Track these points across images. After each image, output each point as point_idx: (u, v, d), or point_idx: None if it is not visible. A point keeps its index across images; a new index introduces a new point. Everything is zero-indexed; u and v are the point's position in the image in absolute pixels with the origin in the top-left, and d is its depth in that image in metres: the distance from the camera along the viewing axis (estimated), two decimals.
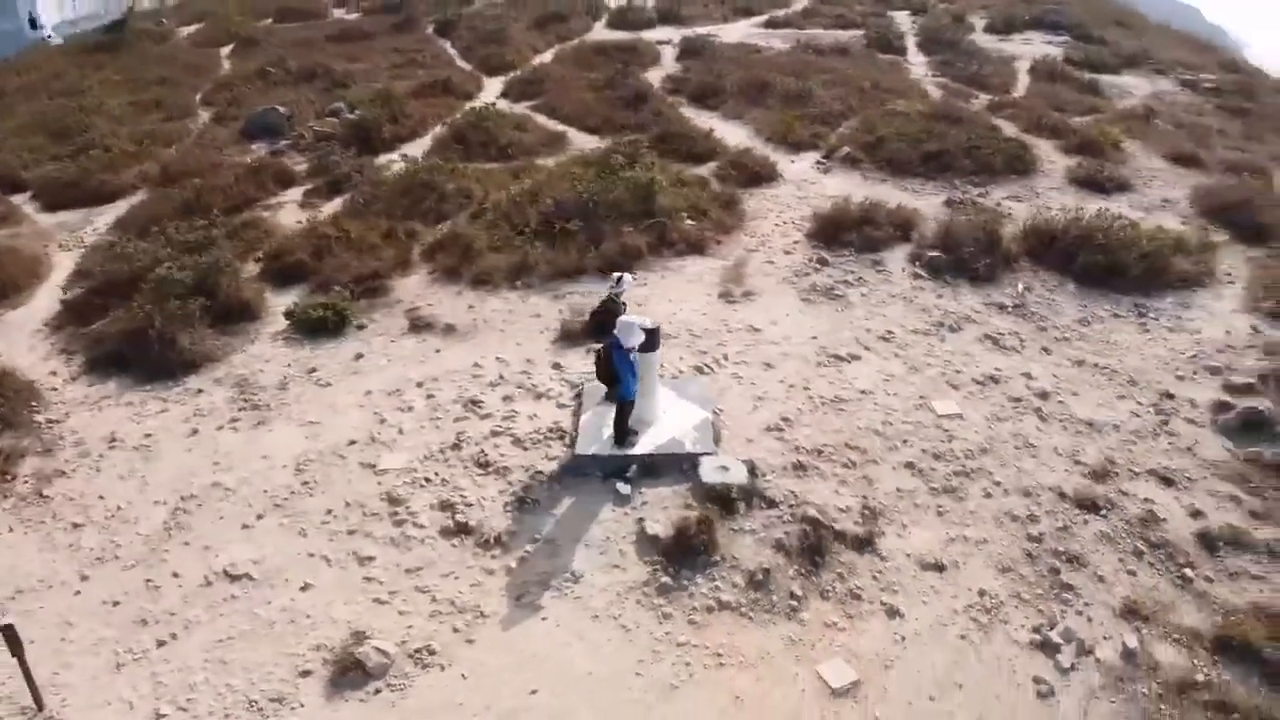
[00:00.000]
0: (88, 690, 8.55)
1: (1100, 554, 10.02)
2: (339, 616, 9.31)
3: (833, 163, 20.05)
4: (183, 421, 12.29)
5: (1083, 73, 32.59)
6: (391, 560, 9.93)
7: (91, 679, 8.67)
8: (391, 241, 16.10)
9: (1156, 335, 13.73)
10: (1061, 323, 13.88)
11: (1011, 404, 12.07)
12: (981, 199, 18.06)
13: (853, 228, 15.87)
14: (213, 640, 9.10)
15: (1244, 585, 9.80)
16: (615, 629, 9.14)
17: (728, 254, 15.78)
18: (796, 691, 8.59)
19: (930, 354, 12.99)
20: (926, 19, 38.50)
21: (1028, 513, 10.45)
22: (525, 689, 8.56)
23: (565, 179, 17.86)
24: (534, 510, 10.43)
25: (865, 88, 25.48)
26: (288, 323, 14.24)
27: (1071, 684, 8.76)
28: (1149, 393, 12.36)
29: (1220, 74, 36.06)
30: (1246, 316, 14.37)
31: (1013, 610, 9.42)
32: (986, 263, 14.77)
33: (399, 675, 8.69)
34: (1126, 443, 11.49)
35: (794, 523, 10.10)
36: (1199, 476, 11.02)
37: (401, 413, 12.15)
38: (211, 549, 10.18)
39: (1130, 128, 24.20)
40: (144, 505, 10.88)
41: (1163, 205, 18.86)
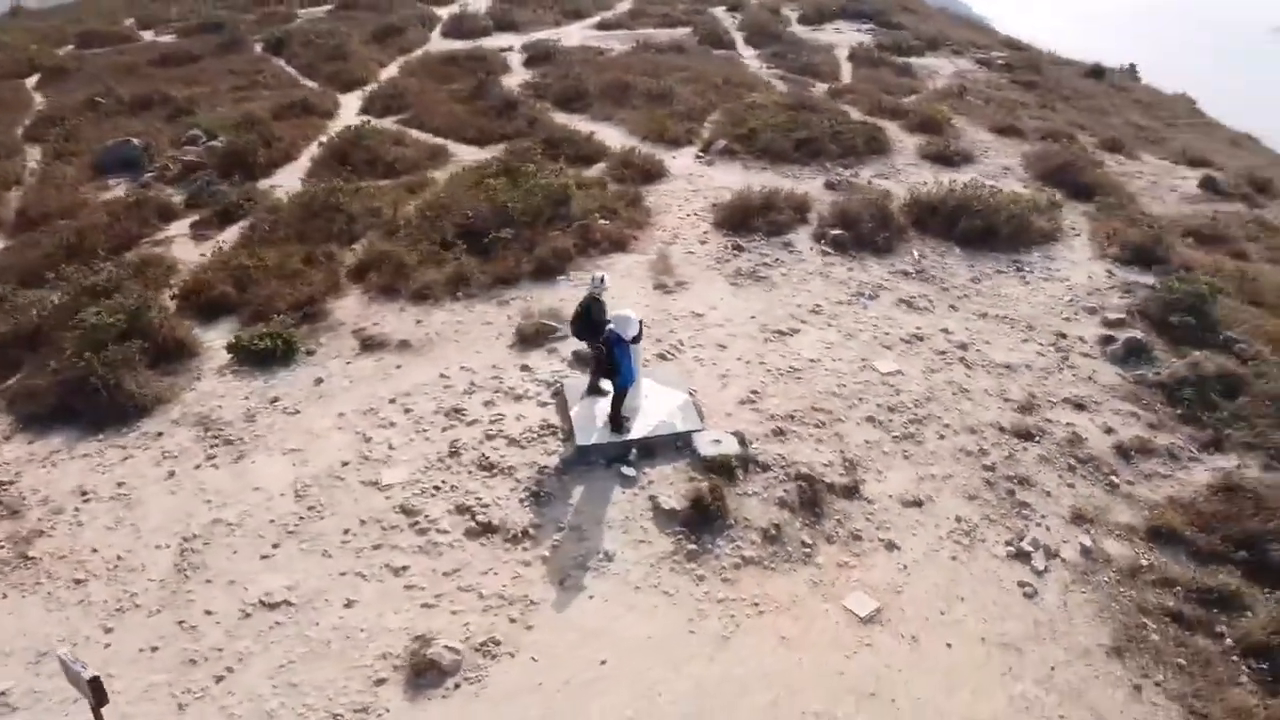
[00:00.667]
0: None
1: (1043, 474, 11.75)
2: (393, 625, 9.67)
3: (712, 156, 21.39)
4: (154, 465, 12.05)
5: (894, 57, 35.64)
6: (426, 567, 10.34)
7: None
8: (314, 265, 16.07)
9: (1036, 286, 15.83)
10: (958, 282, 15.75)
11: (939, 356, 13.72)
12: (854, 179, 19.87)
13: (757, 214, 17.21)
14: (274, 667, 9.27)
15: (1157, 484, 11.78)
16: (659, 596, 9.98)
17: (647, 248, 16.75)
18: (831, 624, 9.74)
19: (858, 321, 14.49)
20: (746, 14, 40.76)
21: (977, 447, 12.06)
22: (594, 661, 9.27)
23: (469, 190, 18.29)
24: (549, 502, 11.07)
25: (718, 83, 27.07)
26: (230, 356, 14.07)
27: (1048, 583, 10.36)
28: (1046, 334, 14.35)
29: (1008, 52, 40.29)
30: (1100, 263, 16.75)
31: (986, 530, 10.94)
32: (885, 236, 16.46)
33: (472, 669, 9.20)
34: (1040, 379, 13.36)
35: (789, 481, 11.25)
36: (1103, 400, 13.01)
37: (385, 429, 12.42)
38: (237, 583, 10.23)
39: (952, 105, 26.95)
40: (145, 552, 10.72)
41: (1004, 172, 21.35)
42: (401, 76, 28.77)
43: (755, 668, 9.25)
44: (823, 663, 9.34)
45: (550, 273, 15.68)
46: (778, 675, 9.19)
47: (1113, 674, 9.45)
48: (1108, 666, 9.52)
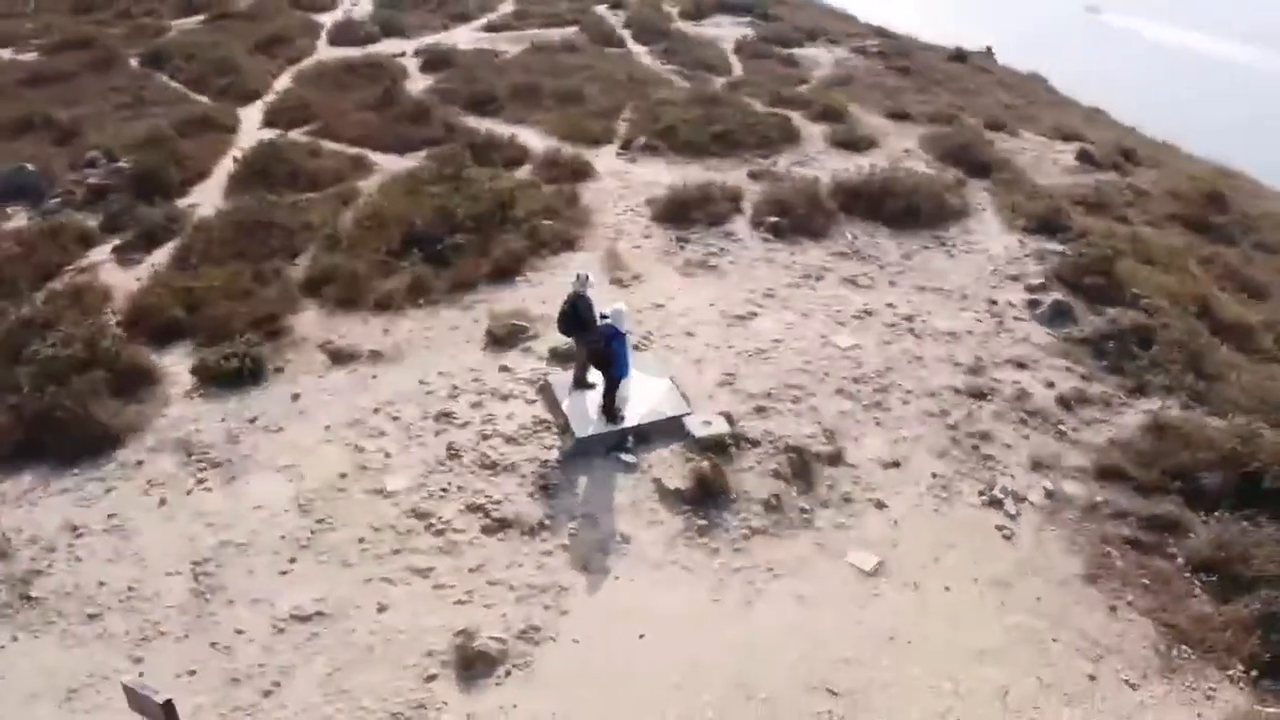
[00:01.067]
0: None
1: (999, 428, 12.91)
2: (431, 624, 9.97)
3: (633, 153, 22.01)
4: (142, 495, 11.87)
5: (778, 49, 37.04)
6: (450, 566, 10.65)
7: None
8: (264, 282, 15.93)
9: (960, 259, 17.13)
10: (891, 260, 16.89)
11: (889, 329, 14.78)
12: (775, 169, 20.85)
13: (695, 207, 17.95)
14: (321, 675, 9.45)
15: (1098, 429, 13.10)
16: (679, 571, 10.60)
17: (595, 246, 17.26)
18: (840, 581, 10.57)
19: (810, 301, 15.41)
20: (631, 12, 41.52)
21: (939, 409, 13.13)
22: (632, 636, 9.83)
23: (405, 198, 18.38)
24: (558, 494, 11.53)
25: (622, 81, 27.71)
26: (195, 379, 13.88)
27: (1021, 525, 11.48)
28: (979, 302, 15.62)
29: (879, 40, 42.29)
30: (1010, 234, 18.22)
31: (960, 483, 12.00)
32: (820, 221, 17.47)
33: (518, 656, 9.61)
34: (981, 343, 14.58)
35: (780, 454, 12.03)
36: (1040, 357, 14.31)
37: (376, 438, 12.57)
38: (262, 600, 10.30)
39: (844, 93, 28.41)
40: (156, 580, 10.63)
41: (906, 155, 22.74)
42: (298, 87, 28.21)
43: (781, 627, 9.99)
44: (841, 615, 10.15)
45: (507, 275, 16.01)
46: (803, 631, 9.94)
47: (1090, 598, 10.60)
48: (1084, 592, 10.67)
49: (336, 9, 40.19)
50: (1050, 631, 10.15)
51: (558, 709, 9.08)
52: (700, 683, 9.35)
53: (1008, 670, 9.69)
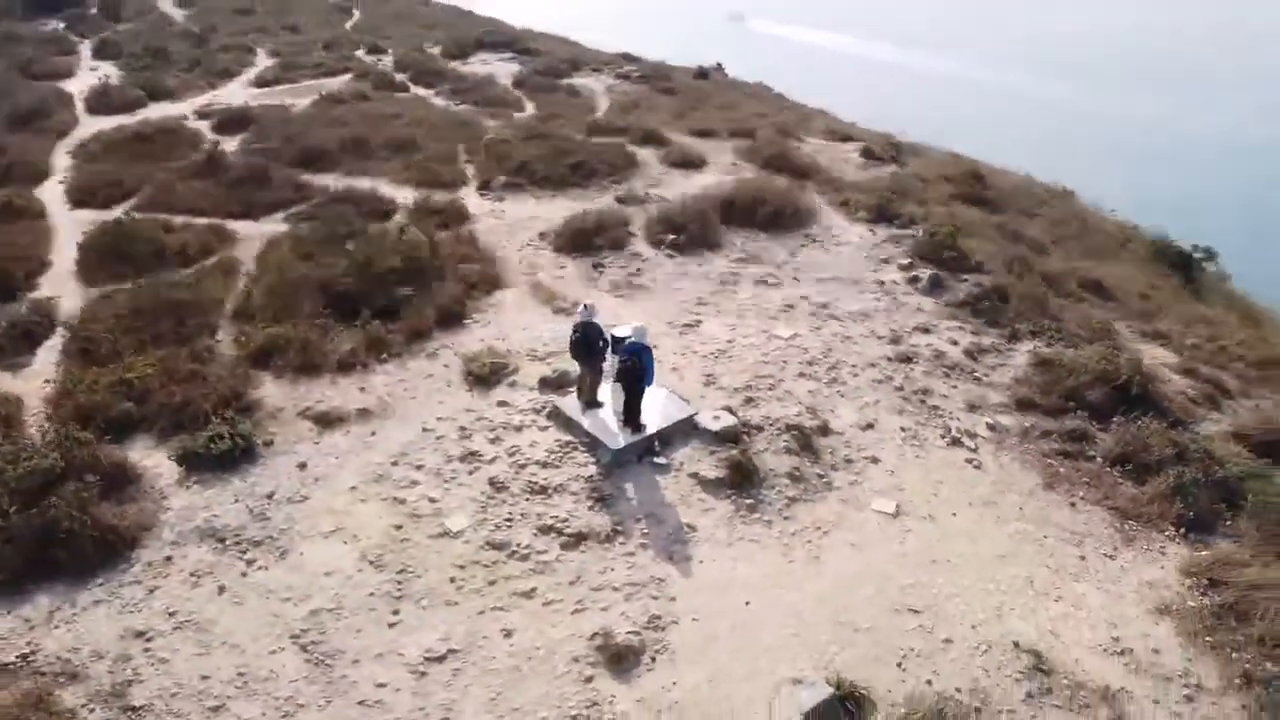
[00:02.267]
0: None
1: (933, 383, 15.49)
2: (560, 636, 10.83)
3: (496, 192, 23.01)
4: (191, 588, 11.63)
5: (555, 80, 38.99)
6: (550, 584, 11.49)
7: None
8: (201, 361, 15.54)
9: (833, 251, 19.79)
10: (782, 259, 19.23)
11: (813, 317, 17.03)
12: (637, 193, 22.68)
13: (594, 234, 19.38)
14: (486, 703, 10.07)
15: (1001, 371, 16.04)
16: (748, 545, 12.11)
17: (518, 281, 18.23)
18: (875, 526, 12.55)
19: (739, 303, 17.36)
20: (397, 56, 41.83)
21: (883, 376, 15.51)
22: (739, 606, 11.23)
23: (304, 262, 18.39)
24: (614, 503, 12.63)
25: (440, 124, 28.47)
26: (182, 468, 13.52)
27: (983, 456, 14.02)
28: (870, 285, 18.28)
29: (632, 65, 45.35)
30: (857, 226, 21.19)
31: (924, 431, 14.39)
32: (712, 233, 19.48)
33: (654, 643, 10.72)
34: (888, 317, 17.20)
35: (784, 434, 13.84)
36: (936, 322, 17.13)
37: (410, 488, 13.01)
38: (386, 653, 10.66)
39: (639, 116, 30.86)
40: (262, 660, 10.65)
41: (735, 167, 25.41)
42: (88, 162, 26.48)
43: (848, 571, 11.78)
44: (888, 552, 12.12)
45: (454, 319, 16.65)
46: (866, 570, 11.80)
47: (1053, 500, 13.28)
48: (1048, 497, 13.34)
49: (75, 75, 37.53)
50: (1038, 531, 12.68)
51: (710, 676, 10.33)
52: (812, 628, 10.94)
53: (1024, 565, 12.07)
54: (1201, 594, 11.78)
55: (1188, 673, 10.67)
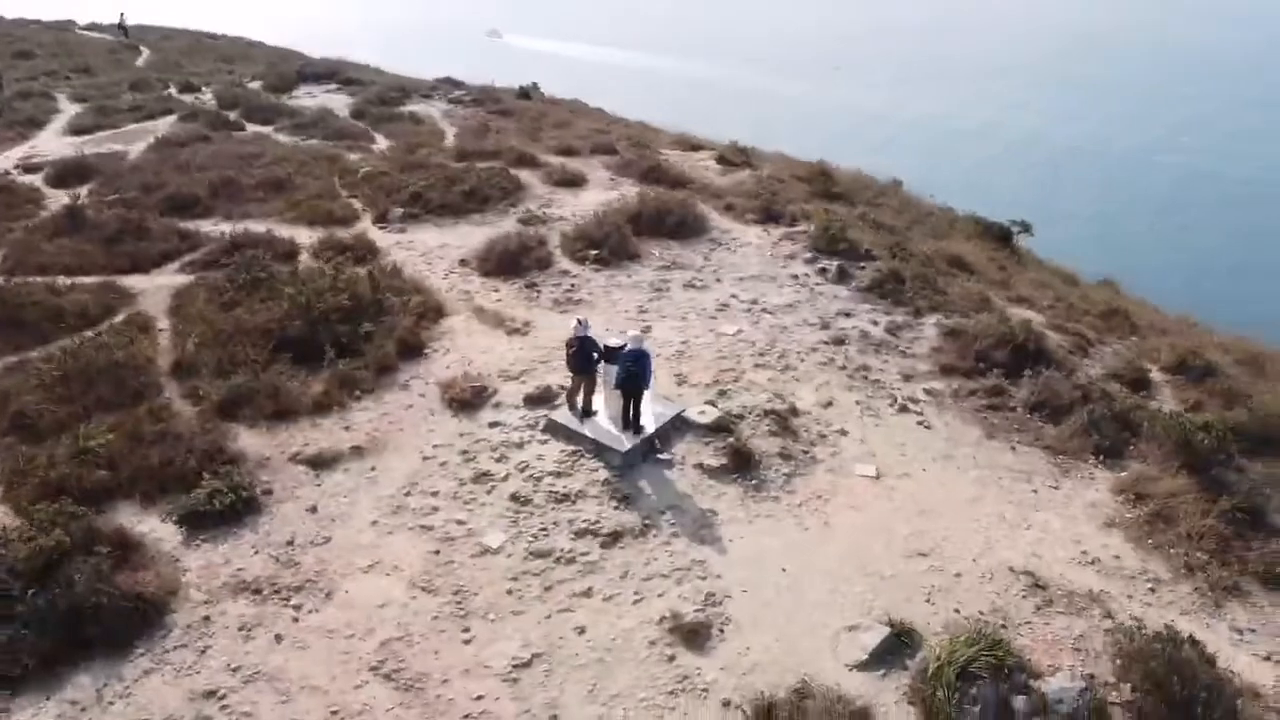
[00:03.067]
0: None
1: (868, 360, 17.30)
2: (628, 625, 11.63)
3: (395, 223, 23.10)
4: (242, 643, 11.50)
5: (391, 109, 38.85)
6: (603, 581, 12.24)
7: None
8: (163, 420, 15.08)
9: (740, 252, 21.38)
10: (699, 263, 20.60)
11: (748, 313, 18.49)
12: (533, 212, 23.43)
13: (518, 255, 20.03)
14: (585, 694, 10.76)
15: (919, 344, 18.09)
16: (766, 520, 13.34)
17: (458, 309, 18.62)
18: (865, 487, 14.10)
19: (677, 307, 18.56)
20: (218, 92, 40.23)
21: (825, 358, 17.16)
22: (778, 571, 12.44)
23: (224, 312, 18.04)
24: (636, 501, 13.51)
25: (303, 161, 27.98)
26: (184, 529, 13.23)
27: (928, 417, 15.91)
28: (785, 279, 19.97)
29: (460, 90, 45.61)
30: (752, 228, 22.92)
31: (875, 402, 16.13)
32: (630, 245, 20.56)
33: (717, 617, 11.72)
34: (811, 306, 18.92)
35: (763, 419, 15.16)
36: (853, 307, 19.02)
37: (433, 514, 13.35)
38: (473, 668, 11.09)
39: (495, 140, 31.50)
40: (348, 695, 10.81)
41: (613, 182, 26.61)
42: None
43: (859, 528, 13.24)
44: (884, 510, 13.68)
45: (415, 350, 16.91)
46: (871, 526, 13.30)
47: (997, 447, 15.32)
48: (994, 444, 15.37)
49: None
50: (993, 474, 14.65)
51: (776, 637, 11.45)
52: (846, 582, 12.29)
53: (992, 504, 13.96)
54: (1133, 507, 14.06)
55: (1145, 570, 12.83)
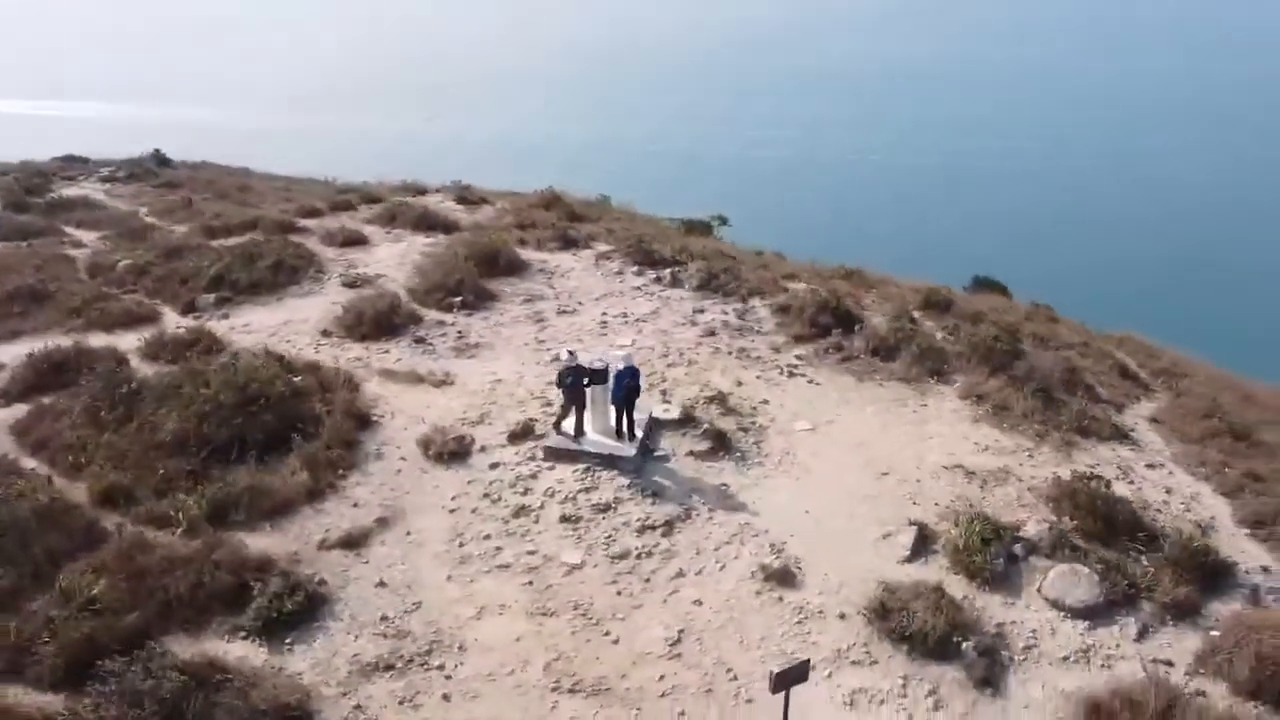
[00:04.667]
0: None
1: (741, 343, 20.48)
2: (730, 586, 13.70)
3: (205, 311, 21.93)
4: (412, 711, 11.91)
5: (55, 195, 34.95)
6: (685, 561, 14.09)
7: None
8: (148, 550, 14.07)
9: (575, 277, 23.47)
10: (552, 292, 22.39)
11: (628, 326, 20.80)
12: (353, 273, 23.53)
13: (388, 315, 20.42)
14: (736, 647, 12.75)
15: (765, 324, 21.64)
16: (766, 481, 15.97)
17: (365, 377, 18.72)
18: (809, 438, 17.26)
19: (567, 331, 20.29)
20: None
21: (712, 348, 20.06)
22: (802, 515, 15.16)
23: (109, 431, 16.67)
24: (664, 494, 15.40)
25: (40, 264, 24.99)
26: (262, 638, 12.85)
27: (810, 374, 19.47)
28: (631, 292, 22.51)
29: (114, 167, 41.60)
30: (560, 255, 25.07)
31: (768, 373, 19.37)
32: (485, 288, 21.76)
33: (788, 559, 14.17)
34: (670, 311, 21.65)
35: (709, 406, 17.68)
36: (703, 305, 22.08)
37: (500, 554, 14.19)
38: (638, 660, 12.53)
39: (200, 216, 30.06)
40: (546, 718, 11.83)
41: (392, 234, 27.14)
42: None
43: (831, 469, 16.35)
44: (835, 449, 16.93)
45: (365, 421, 17.01)
46: (838, 465, 16.49)
47: (870, 387, 19.24)
48: (865, 386, 19.24)
49: None
50: (883, 406, 18.54)
51: (835, 559, 14.15)
52: (854, 505, 15.33)
53: (900, 427, 17.79)
54: (978, 405, 18.72)
55: (1017, 445, 17.41)
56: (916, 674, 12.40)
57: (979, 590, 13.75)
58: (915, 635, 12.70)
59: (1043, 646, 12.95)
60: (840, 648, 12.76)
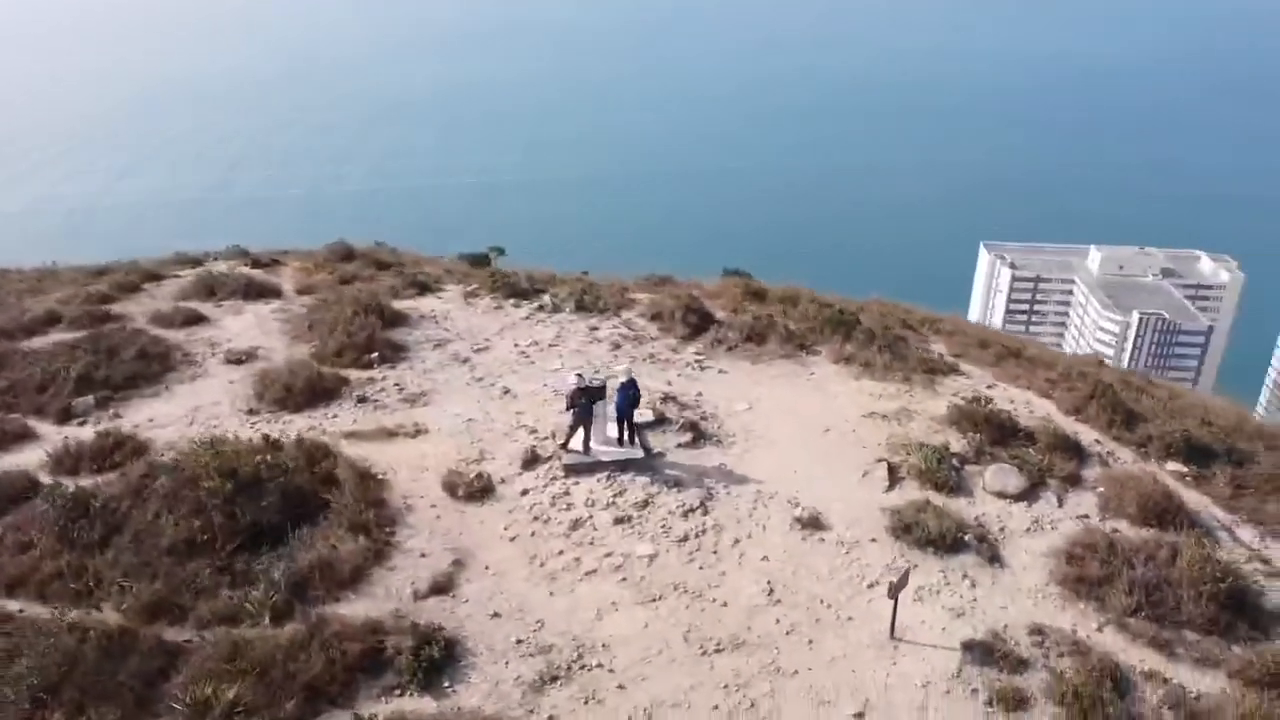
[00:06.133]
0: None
1: (643, 350, 22.89)
2: (777, 540, 16.25)
3: (94, 411, 20.12)
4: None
5: None
6: (731, 532, 16.35)
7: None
8: (249, 652, 13.78)
9: (460, 318, 24.34)
10: (454, 334, 23.16)
11: (545, 353, 22.28)
12: (231, 351, 22.58)
13: (317, 379, 20.26)
14: (814, 583, 15.44)
15: (650, 329, 24.17)
16: (747, 456, 18.64)
17: (331, 442, 18.64)
18: (754, 415, 20.22)
19: (497, 368, 21.39)
20: None
21: (629, 358, 22.25)
22: (793, 474, 18.05)
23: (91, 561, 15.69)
24: (682, 483, 17.45)
25: None
26: (428, 693, 13.32)
27: (716, 365, 22.44)
28: (524, 322, 23.93)
29: None
30: (424, 300, 25.72)
31: (686, 370, 22.03)
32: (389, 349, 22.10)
33: (808, 510, 17.03)
34: (569, 332, 23.44)
35: (667, 404, 19.98)
36: (592, 323, 24.07)
37: (582, 563, 15.60)
38: (755, 611, 14.78)
39: None
40: (700, 670, 13.77)
41: (236, 304, 26.01)
42: None
43: (785, 435, 19.39)
44: (779, 421, 19.98)
45: (377, 483, 17.25)
46: (789, 431, 19.57)
47: (763, 366, 22.58)
48: (760, 365, 22.56)
49: None
50: (786, 381, 21.95)
51: (842, 501, 17.27)
52: (824, 460, 18.49)
53: (806, 394, 21.31)
54: (848, 365, 22.80)
55: (899, 390, 21.65)
56: (948, 566, 15.85)
57: (948, 498, 17.55)
58: (935, 539, 16.16)
59: (1009, 526, 17.01)
60: (887, 562, 15.88)
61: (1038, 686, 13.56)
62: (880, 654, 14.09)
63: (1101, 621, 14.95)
